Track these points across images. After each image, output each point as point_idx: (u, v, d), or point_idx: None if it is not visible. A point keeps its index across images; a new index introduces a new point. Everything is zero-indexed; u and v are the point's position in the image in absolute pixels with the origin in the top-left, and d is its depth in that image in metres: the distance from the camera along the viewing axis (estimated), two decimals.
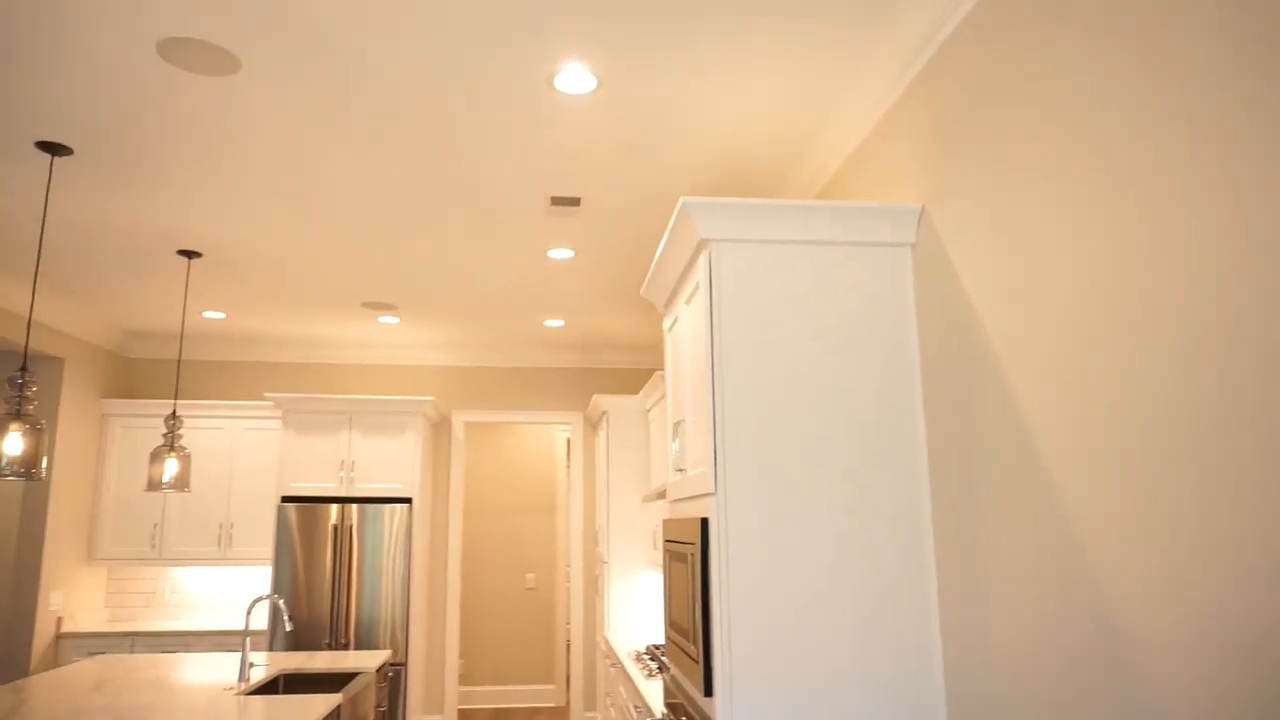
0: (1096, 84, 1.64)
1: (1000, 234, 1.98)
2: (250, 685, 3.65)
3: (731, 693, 2.12)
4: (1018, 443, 1.89)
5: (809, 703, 2.13)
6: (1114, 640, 1.57)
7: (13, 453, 2.98)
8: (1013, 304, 1.92)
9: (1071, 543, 1.69)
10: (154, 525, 5.99)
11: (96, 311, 5.64)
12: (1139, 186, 1.52)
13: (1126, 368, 1.55)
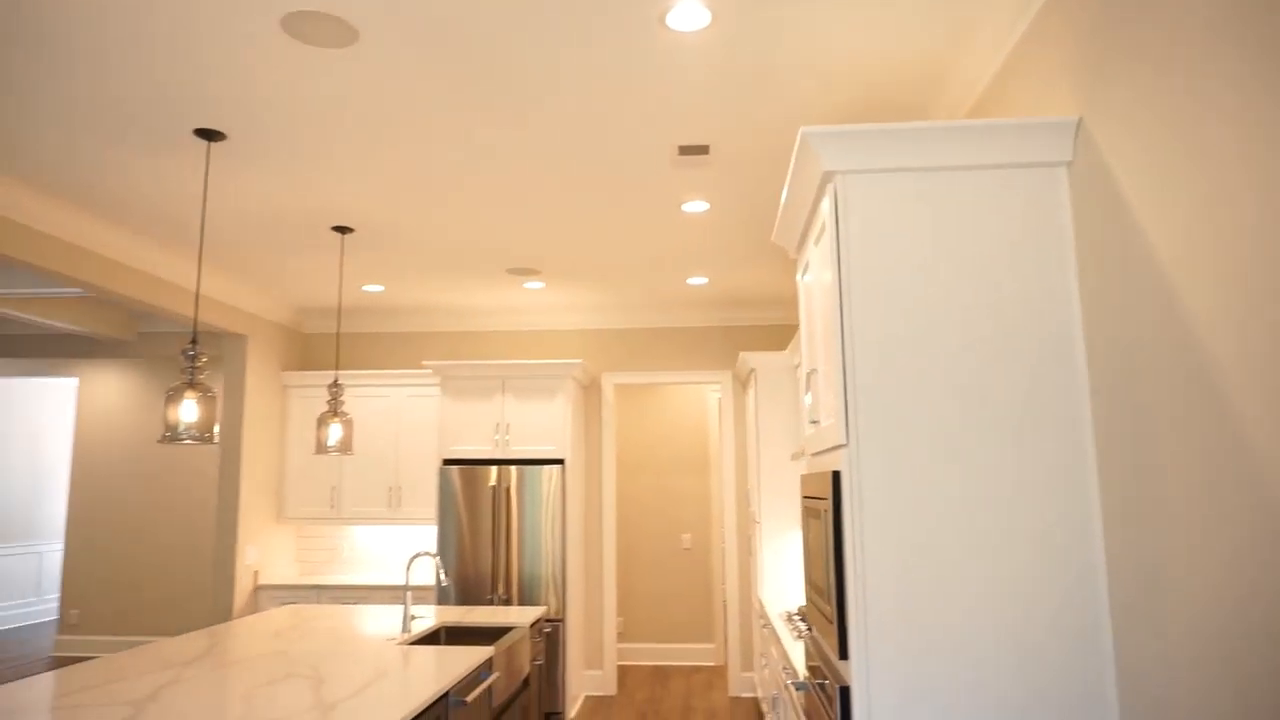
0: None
1: (1175, 147, 1.70)
2: (411, 636, 3.83)
3: (868, 657, 1.98)
4: (1197, 387, 1.63)
5: (953, 670, 1.96)
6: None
7: (189, 419, 3.22)
8: (1191, 228, 1.65)
9: (1262, 497, 1.44)
10: (332, 488, 6.43)
11: (271, 290, 6.06)
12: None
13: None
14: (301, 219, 4.46)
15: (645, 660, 7.32)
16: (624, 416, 7.69)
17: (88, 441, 7.86)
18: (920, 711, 1.95)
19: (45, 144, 3.48)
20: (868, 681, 1.97)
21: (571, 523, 5.89)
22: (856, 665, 1.99)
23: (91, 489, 7.79)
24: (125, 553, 7.66)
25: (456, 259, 5.25)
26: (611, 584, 6.44)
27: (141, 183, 3.91)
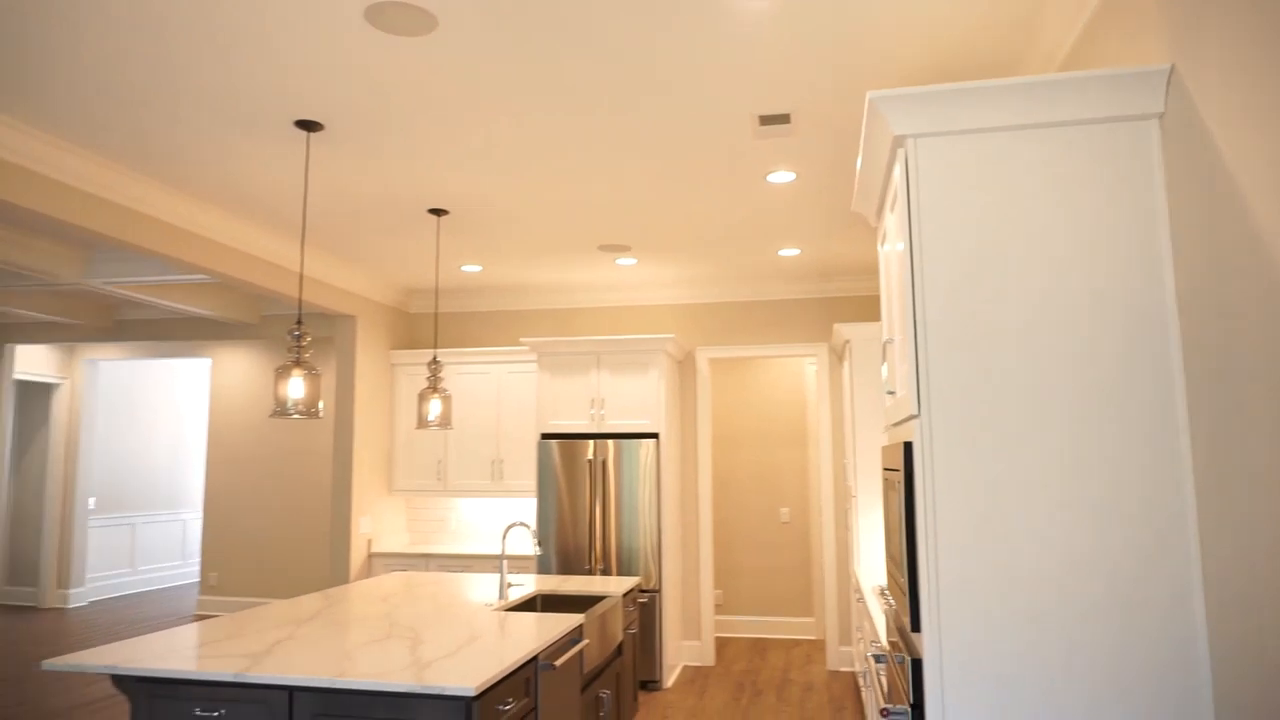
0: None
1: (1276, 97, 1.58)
2: (508, 603, 3.99)
3: (940, 629, 1.95)
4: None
5: (1025, 645, 1.91)
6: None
7: (296, 395, 3.43)
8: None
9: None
10: (438, 461, 6.70)
11: (377, 273, 6.34)
12: None
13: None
14: (399, 203, 4.64)
15: (744, 633, 7.36)
16: (720, 390, 7.70)
17: (220, 418, 8.44)
18: (991, 685, 1.92)
19: (170, 143, 3.74)
20: (940, 654, 1.95)
21: (667, 495, 5.96)
22: (928, 638, 1.96)
23: (225, 462, 8.37)
24: (256, 521, 8.22)
25: (549, 237, 5.35)
26: (708, 556, 6.49)
27: (253, 174, 4.16)
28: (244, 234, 5.08)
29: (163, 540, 10.37)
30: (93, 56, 2.96)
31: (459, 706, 2.51)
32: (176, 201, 4.51)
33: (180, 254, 4.65)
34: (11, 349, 8.25)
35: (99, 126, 3.58)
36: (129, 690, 2.74)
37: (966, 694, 1.93)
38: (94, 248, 5.94)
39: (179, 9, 2.65)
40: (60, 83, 3.17)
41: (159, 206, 4.44)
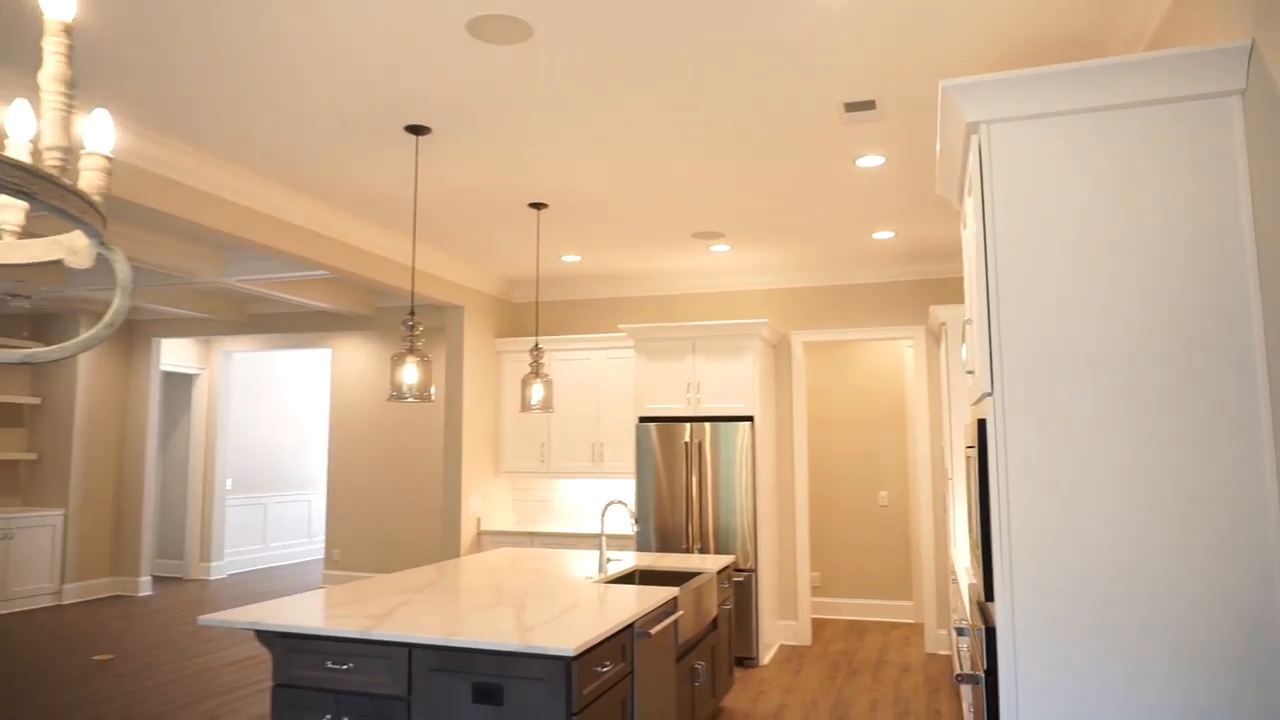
0: None
1: None
2: (607, 576, 4.20)
3: (1012, 599, 2.03)
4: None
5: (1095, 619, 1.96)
6: None
7: (410, 380, 3.72)
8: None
9: None
10: (541, 444, 7.00)
11: (482, 265, 6.66)
12: None
13: None
14: (501, 198, 4.90)
15: (842, 614, 7.40)
16: (816, 374, 7.73)
17: (340, 404, 9.00)
18: (1062, 656, 1.98)
19: (294, 152, 4.08)
20: (1011, 622, 2.02)
21: (762, 477, 6.07)
22: (1000, 607, 2.04)
23: (345, 445, 8.93)
24: (374, 501, 8.75)
25: (644, 227, 5.52)
26: (804, 537, 6.56)
27: (367, 176, 4.48)
28: (360, 232, 5.45)
29: (291, 519, 11.13)
30: (228, 79, 3.29)
31: (559, 666, 2.72)
32: (300, 204, 4.89)
33: (303, 252, 5.04)
34: (158, 343, 9.01)
35: (232, 139, 3.94)
36: (271, 644, 3.07)
37: (1038, 662, 2.00)
38: (228, 249, 6.45)
39: (301, 34, 2.93)
40: (200, 103, 3.52)
41: (285, 209, 4.83)
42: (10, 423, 8.38)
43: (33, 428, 8.50)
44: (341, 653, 2.97)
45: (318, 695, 2.99)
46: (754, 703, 4.99)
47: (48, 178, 0.95)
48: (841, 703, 4.98)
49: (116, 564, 8.74)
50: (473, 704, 2.79)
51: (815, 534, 7.55)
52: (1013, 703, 2.03)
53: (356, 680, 2.95)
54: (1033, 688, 2.01)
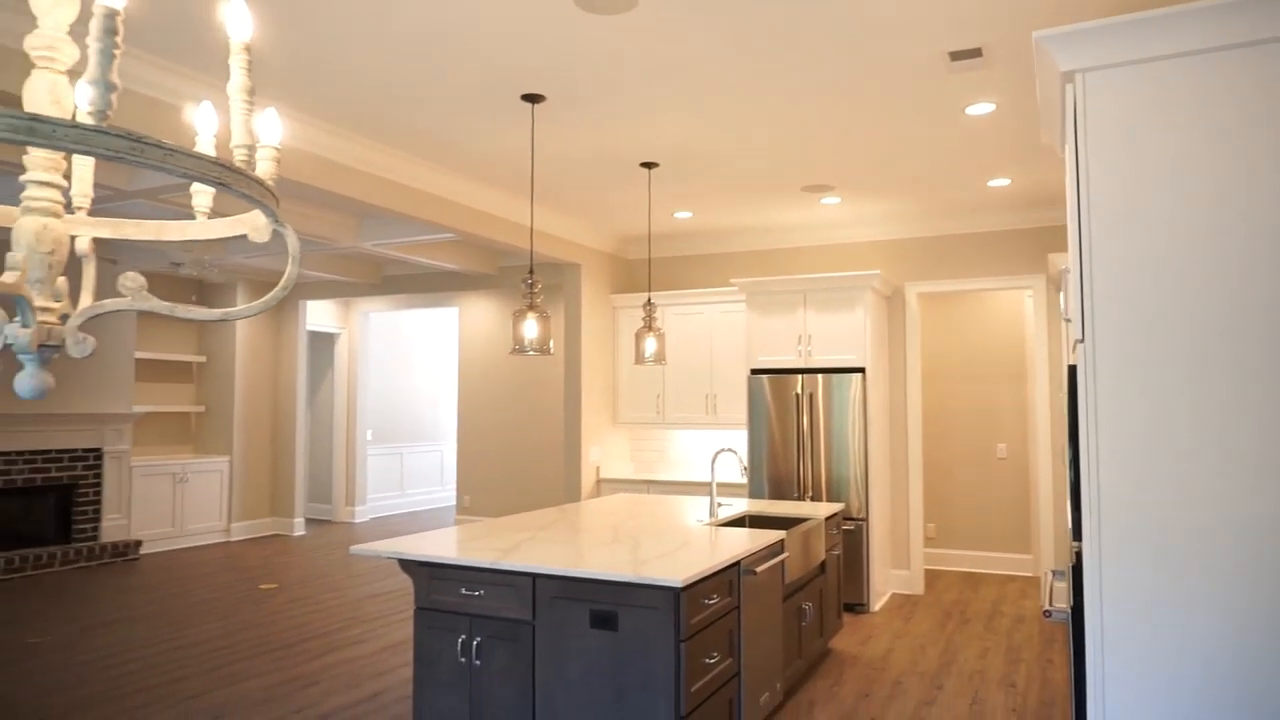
0: None
1: None
2: (717, 520, 4.40)
3: (1099, 537, 2.10)
4: None
5: (1178, 558, 2.01)
6: None
7: (530, 335, 3.99)
8: None
9: None
10: (657, 395, 7.24)
11: (598, 224, 6.89)
12: None
13: None
14: (613, 159, 5.08)
15: (957, 566, 7.38)
16: (932, 325, 7.63)
17: (468, 359, 9.51)
18: (1143, 595, 2.04)
19: (419, 121, 4.39)
20: (1098, 560, 2.10)
21: (874, 428, 6.11)
22: (1088, 546, 2.11)
23: (473, 398, 9.45)
24: (500, 450, 9.25)
25: (754, 182, 5.60)
26: (917, 488, 6.58)
27: (488, 143, 4.75)
28: (483, 196, 5.76)
29: (425, 468, 11.88)
30: (366, 66, 3.58)
31: (669, 595, 2.95)
32: (427, 171, 5.22)
33: (430, 216, 5.39)
34: (304, 305, 9.74)
35: (369, 117, 4.27)
36: (413, 572, 3.43)
37: (1120, 600, 2.08)
38: (364, 216, 6.92)
39: (426, 18, 3.17)
40: (343, 89, 3.85)
41: (413, 177, 5.17)
42: (181, 379, 9.29)
43: (200, 383, 9.40)
44: (474, 580, 3.30)
45: (453, 618, 3.34)
46: (862, 645, 5.13)
47: (238, 171, 1.19)
48: (951, 649, 5.05)
49: (274, 506, 9.61)
50: (590, 629, 3.06)
51: (930, 486, 7.53)
52: (1097, 637, 2.11)
53: (487, 605, 3.27)
54: (1115, 624, 2.08)
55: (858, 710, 4.05)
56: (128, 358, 8.17)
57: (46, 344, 1.21)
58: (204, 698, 4.24)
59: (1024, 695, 4.25)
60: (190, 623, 5.67)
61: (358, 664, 4.79)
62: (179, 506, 8.60)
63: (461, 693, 3.32)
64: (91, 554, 7.60)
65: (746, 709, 3.47)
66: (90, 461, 7.81)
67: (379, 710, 4.06)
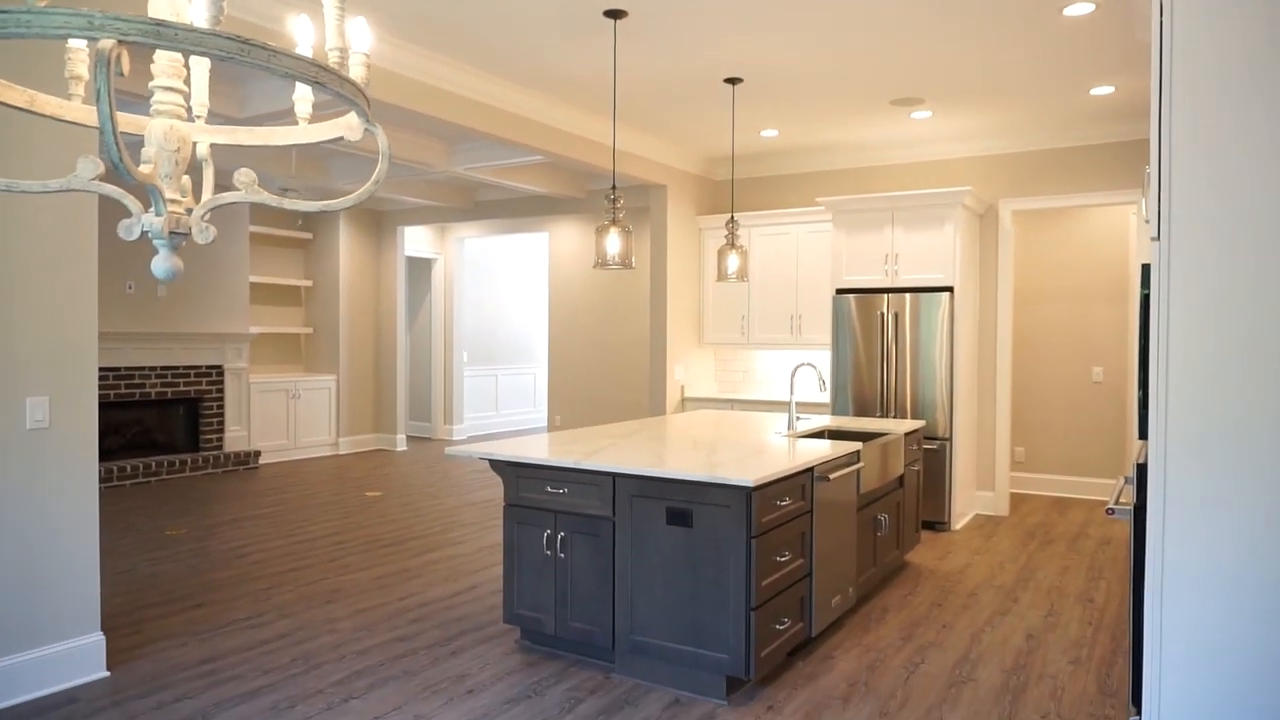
0: None
1: None
2: (796, 433, 4.50)
3: (1166, 435, 2.11)
4: None
5: (1250, 458, 2.01)
6: None
7: (613, 250, 4.11)
8: None
9: None
10: (741, 316, 7.30)
11: (683, 144, 6.89)
12: None
13: None
14: (697, 77, 5.08)
15: (1046, 491, 7.30)
16: (1027, 244, 7.40)
17: (557, 283, 9.74)
18: (1208, 492, 2.06)
19: (504, 40, 4.48)
20: (1163, 455, 2.12)
21: (961, 348, 6.04)
22: (1153, 440, 2.13)
23: (563, 321, 9.70)
24: (589, 371, 9.51)
25: (841, 97, 5.51)
26: (1005, 409, 6.50)
27: (572, 63, 4.82)
28: (567, 117, 5.85)
29: (518, 389, 12.31)
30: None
31: (741, 495, 3.09)
32: (513, 93, 5.33)
33: (517, 138, 5.52)
34: (402, 230, 10.11)
35: (457, 39, 4.39)
36: (503, 472, 3.67)
37: (1184, 498, 2.10)
38: (454, 140, 7.10)
39: None
40: (430, 9, 3.96)
41: (500, 98, 5.29)
42: (291, 302, 9.84)
43: (308, 306, 9.93)
44: (559, 479, 3.51)
45: (540, 514, 3.57)
46: (940, 560, 5.19)
47: (333, 71, 1.33)
48: (1030, 566, 5.07)
49: (377, 422, 10.18)
50: (666, 525, 3.24)
51: (1019, 408, 7.41)
52: (1159, 535, 2.14)
53: (571, 502, 3.48)
54: (1178, 522, 2.11)
55: (929, 617, 4.15)
56: (243, 281, 8.70)
57: (176, 230, 1.40)
58: (321, 583, 4.66)
59: (1101, 610, 4.26)
60: (306, 523, 6.16)
61: (456, 561, 5.14)
62: (293, 421, 9.21)
63: (547, 582, 3.57)
64: (217, 462, 8.27)
65: (818, 607, 3.62)
66: (213, 377, 8.43)
67: (475, 600, 4.39)
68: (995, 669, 3.50)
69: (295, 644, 3.75)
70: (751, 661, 3.09)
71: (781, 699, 3.20)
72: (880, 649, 3.72)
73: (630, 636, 3.34)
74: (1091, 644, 3.80)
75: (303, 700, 3.16)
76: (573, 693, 3.24)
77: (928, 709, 3.12)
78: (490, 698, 3.19)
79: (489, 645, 3.74)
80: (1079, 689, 3.31)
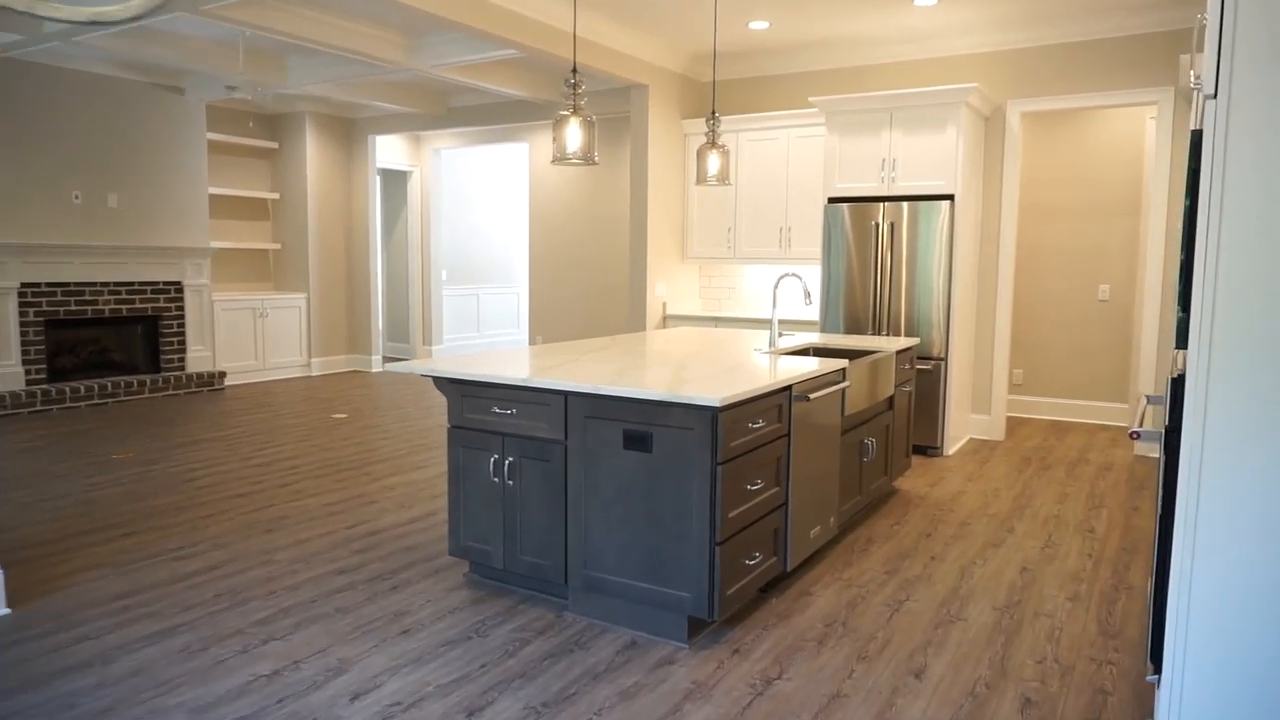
0: None
1: None
2: (778, 350, 4.11)
3: (1210, 344, 1.72)
4: None
5: None
6: None
7: (574, 143, 3.64)
8: None
9: None
10: (728, 229, 6.84)
11: (666, 38, 6.32)
12: None
13: None
14: None
15: (1044, 414, 6.97)
16: (1035, 151, 6.89)
17: (538, 198, 9.22)
18: (1259, 410, 1.68)
19: None
20: (1207, 365, 1.73)
21: (960, 262, 5.62)
22: (1195, 350, 1.74)
23: (544, 237, 9.22)
24: (571, 289, 9.07)
25: None
26: (1005, 328, 6.11)
27: None
28: (538, 3, 5.28)
29: (502, 309, 11.88)
30: None
31: (706, 416, 2.71)
32: None
33: (484, 26, 4.98)
34: (373, 140, 9.53)
35: None
36: (446, 390, 3.29)
37: (1230, 415, 1.72)
38: (417, 34, 6.51)
39: None
40: None
41: None
42: (258, 216, 9.33)
43: (276, 220, 9.43)
44: (506, 399, 3.13)
45: (485, 437, 3.21)
46: (931, 487, 4.87)
47: None
48: (1027, 493, 4.75)
49: (352, 343, 9.79)
50: (624, 450, 2.88)
51: (1019, 328, 7.02)
52: (1195, 460, 1.77)
53: (520, 424, 3.11)
54: (1221, 443, 1.74)
55: (917, 549, 3.84)
56: (202, 191, 8.19)
57: None
58: (266, 510, 4.34)
59: (1103, 541, 3.95)
60: (265, 445, 5.82)
61: (416, 487, 4.82)
62: (261, 341, 8.81)
63: (495, 512, 3.23)
64: (179, 383, 7.90)
65: (794, 540, 3.29)
66: (172, 294, 7.99)
67: (430, 529, 4.07)
68: (987, 606, 3.19)
69: (224, 577, 3.43)
70: (715, 601, 2.76)
71: (750, 641, 2.88)
72: (862, 584, 3.41)
73: (584, 572, 3.01)
74: (1092, 578, 3.49)
75: (217, 642, 2.84)
76: (519, 634, 2.93)
77: (911, 652, 2.81)
78: (426, 639, 2.87)
79: (435, 579, 3.43)
80: (1078, 629, 3.00)
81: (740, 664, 2.72)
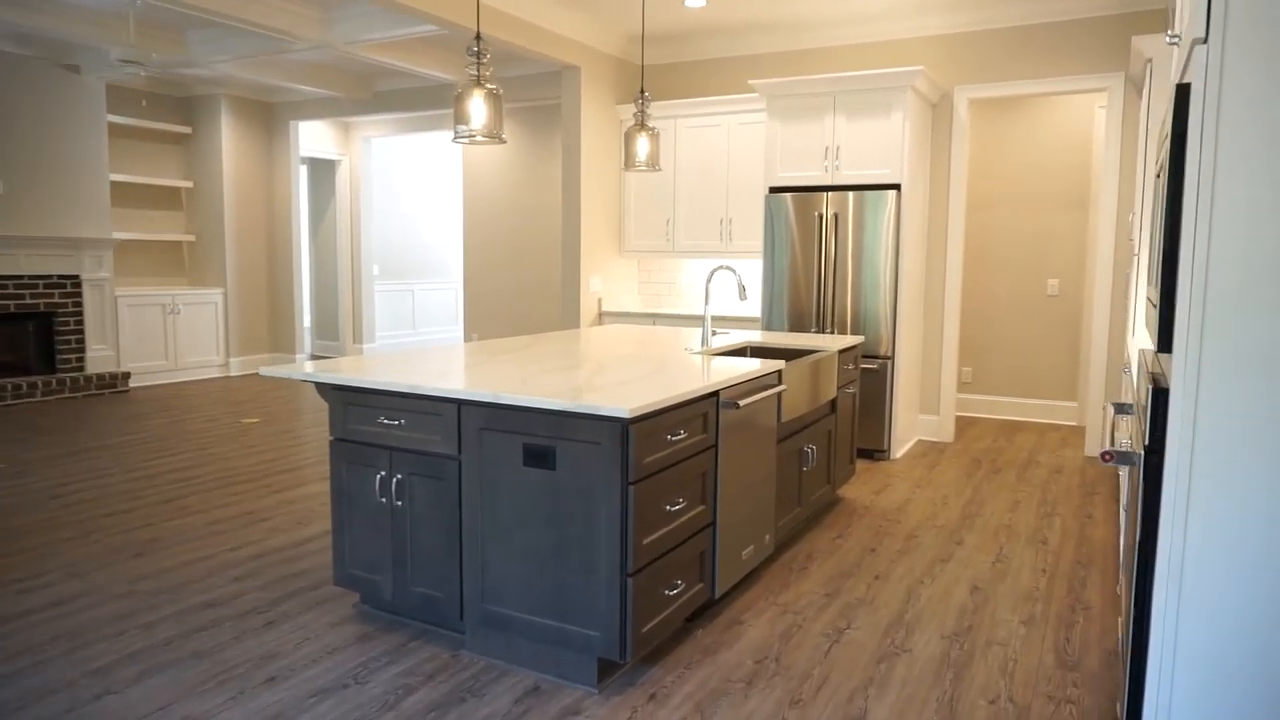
0: None
1: None
2: (710, 349, 3.76)
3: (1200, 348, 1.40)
4: None
5: None
6: None
7: (479, 118, 3.24)
8: None
9: None
10: (666, 220, 6.49)
11: (598, 16, 5.93)
12: None
13: None
14: None
15: (993, 414, 6.75)
16: (982, 141, 6.66)
17: (472, 188, 8.76)
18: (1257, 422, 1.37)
19: None
20: (1196, 372, 1.41)
21: (907, 255, 5.34)
22: (1180, 352, 1.42)
23: (479, 230, 8.76)
24: (506, 284, 8.64)
25: None
26: (953, 325, 5.85)
27: None
28: None
29: (438, 305, 11.38)
30: None
31: (615, 428, 2.34)
32: None
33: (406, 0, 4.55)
34: (295, 126, 8.98)
35: None
36: (328, 397, 2.88)
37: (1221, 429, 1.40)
38: (329, 6, 6.04)
39: None
40: None
41: None
42: (169, 205, 8.72)
43: (189, 211, 8.83)
44: (394, 408, 2.73)
45: (372, 451, 2.80)
46: (877, 495, 4.58)
47: None
48: (977, 500, 4.48)
49: (275, 341, 9.23)
50: (524, 466, 2.50)
51: (968, 324, 6.79)
52: (1183, 481, 1.46)
53: (410, 438, 2.71)
54: (1212, 462, 1.42)
55: (861, 566, 3.52)
56: (101, 178, 7.58)
57: None
58: (139, 531, 3.86)
59: (1056, 554, 3.68)
60: (158, 455, 5.31)
61: (317, 501, 4.38)
62: (172, 339, 8.23)
63: (383, 537, 2.82)
64: (77, 385, 7.30)
65: (723, 563, 2.94)
66: (68, 289, 7.38)
67: (322, 552, 3.64)
68: (934, 634, 2.88)
69: (70, 615, 2.97)
70: (628, 640, 2.40)
71: (670, 684, 2.53)
72: (799, 610, 3.08)
73: (482, 606, 2.63)
74: (1046, 597, 3.20)
75: (38, 700, 2.40)
76: (405, 679, 2.53)
77: (850, 693, 2.48)
78: (293, 690, 2.46)
79: (318, 612, 3.01)
80: (1033, 660, 2.70)
81: (656, 712, 2.36)
